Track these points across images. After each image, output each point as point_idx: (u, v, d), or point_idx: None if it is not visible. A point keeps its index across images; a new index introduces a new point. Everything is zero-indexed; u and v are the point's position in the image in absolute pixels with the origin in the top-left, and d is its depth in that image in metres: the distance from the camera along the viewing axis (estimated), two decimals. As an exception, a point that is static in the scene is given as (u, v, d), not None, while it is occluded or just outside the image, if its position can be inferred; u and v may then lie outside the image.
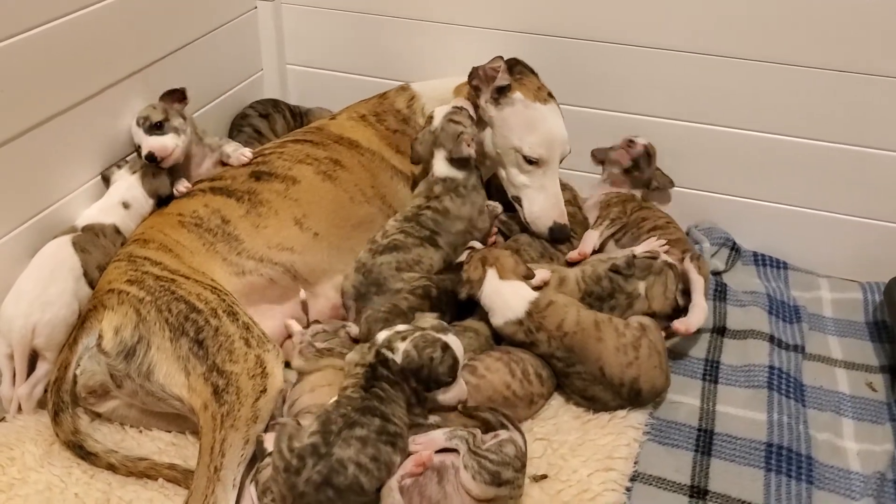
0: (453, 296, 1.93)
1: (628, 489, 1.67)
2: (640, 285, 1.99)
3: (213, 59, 2.41)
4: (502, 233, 2.23)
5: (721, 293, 2.23)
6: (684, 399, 1.90)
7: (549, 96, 2.15)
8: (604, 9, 2.29)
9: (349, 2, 2.54)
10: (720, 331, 2.10)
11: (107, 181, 2.04)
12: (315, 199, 2.04)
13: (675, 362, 1.97)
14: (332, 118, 2.31)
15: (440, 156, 2.08)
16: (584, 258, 2.10)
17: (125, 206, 1.98)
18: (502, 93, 2.11)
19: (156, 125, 2.01)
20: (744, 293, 2.23)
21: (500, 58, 2.10)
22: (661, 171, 2.36)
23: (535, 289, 1.89)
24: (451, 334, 1.67)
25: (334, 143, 2.18)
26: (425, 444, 1.54)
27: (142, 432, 1.80)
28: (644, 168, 2.30)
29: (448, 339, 1.64)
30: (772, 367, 1.96)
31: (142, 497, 1.64)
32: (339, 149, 2.17)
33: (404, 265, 1.95)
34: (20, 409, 1.81)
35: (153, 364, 1.66)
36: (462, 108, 2.12)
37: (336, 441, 1.46)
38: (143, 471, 1.68)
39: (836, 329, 2.16)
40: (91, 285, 1.84)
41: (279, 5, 2.62)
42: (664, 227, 2.19)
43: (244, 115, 2.52)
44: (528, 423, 1.80)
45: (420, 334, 1.63)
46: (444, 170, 2.08)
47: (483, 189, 2.14)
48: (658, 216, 2.24)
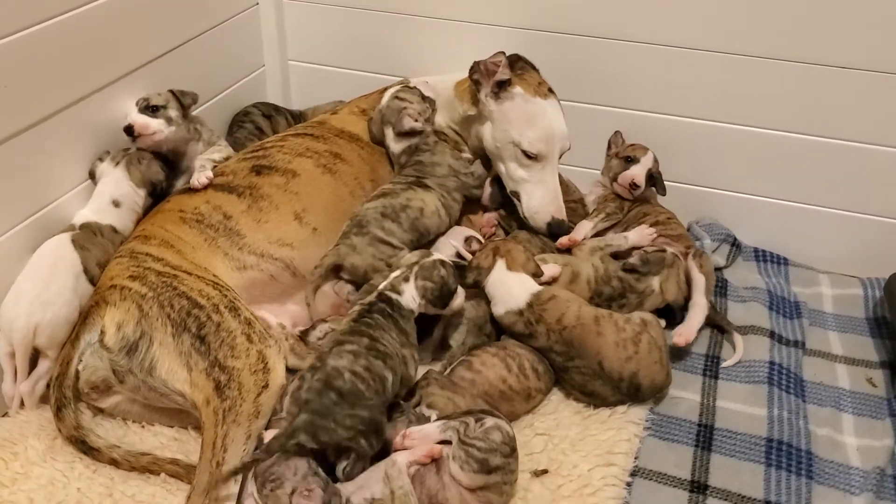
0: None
1: (629, 484, 1.67)
2: (655, 281, 1.99)
3: (215, 55, 2.41)
4: (503, 228, 2.23)
5: (722, 289, 2.24)
6: (685, 394, 1.91)
7: (550, 91, 2.15)
8: (605, 5, 2.28)
9: (351, -2, 2.55)
10: (720, 327, 2.10)
11: (93, 176, 2.02)
12: (315, 193, 2.05)
13: (675, 358, 1.98)
14: (334, 112, 2.31)
15: (389, 133, 2.14)
16: (573, 244, 2.10)
17: (116, 204, 1.97)
18: (502, 87, 2.11)
19: (151, 107, 2.03)
20: (744, 289, 2.23)
21: (502, 53, 2.10)
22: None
23: (544, 283, 1.89)
24: (434, 252, 1.86)
25: (335, 136, 2.19)
26: (421, 440, 1.55)
27: (144, 427, 1.80)
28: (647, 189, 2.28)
29: (437, 255, 1.83)
30: (772, 363, 1.97)
31: (144, 492, 1.65)
32: (339, 142, 2.17)
33: (389, 211, 1.97)
34: (22, 405, 1.82)
35: (155, 359, 1.66)
36: (413, 87, 2.15)
37: (327, 356, 1.60)
38: (145, 466, 1.69)
39: (837, 325, 2.17)
40: (91, 282, 1.85)
41: (281, 2, 2.62)
42: (665, 222, 2.19)
43: (247, 112, 2.53)
44: (528, 418, 1.81)
45: (418, 267, 1.78)
46: (396, 146, 2.14)
47: (446, 143, 2.16)
48: (659, 212, 2.24)
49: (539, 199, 2.13)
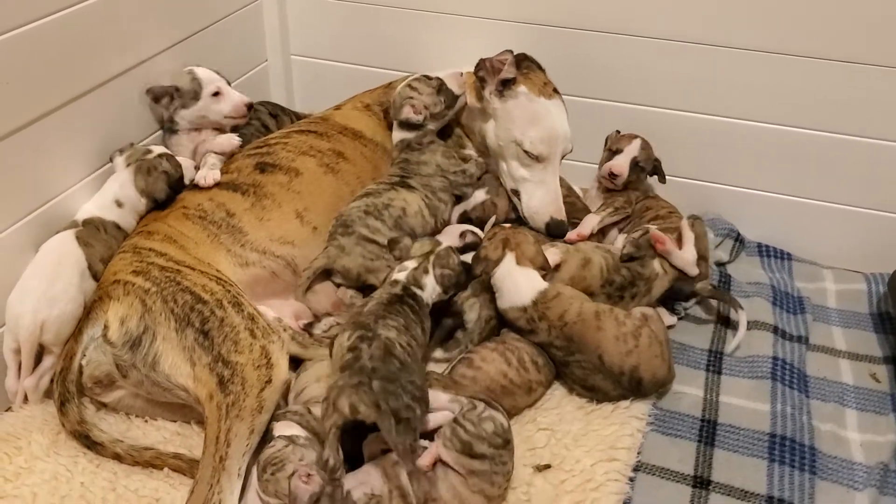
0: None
1: (631, 479, 1.67)
2: (656, 263, 2.00)
3: (218, 49, 2.41)
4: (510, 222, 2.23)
5: (725, 284, 2.24)
6: (688, 389, 1.90)
7: (555, 92, 2.15)
8: (610, 0, 2.28)
9: (354, -8, 2.55)
10: (724, 322, 2.10)
11: (111, 160, 2.01)
12: (316, 192, 2.05)
13: (678, 352, 1.98)
14: (338, 108, 2.31)
15: (395, 122, 2.15)
16: (581, 239, 2.10)
17: (118, 204, 1.96)
18: (507, 85, 2.11)
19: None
20: (748, 284, 2.23)
21: (510, 51, 2.10)
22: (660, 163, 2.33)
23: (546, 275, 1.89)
24: (437, 238, 1.89)
25: (338, 133, 2.18)
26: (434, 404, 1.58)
27: (147, 422, 1.81)
28: (635, 177, 2.26)
29: (443, 242, 1.84)
30: (775, 358, 1.96)
31: (147, 486, 1.65)
32: (342, 140, 2.17)
33: (372, 209, 1.97)
34: (26, 400, 1.82)
35: (159, 354, 1.66)
36: (433, 77, 2.15)
37: (377, 326, 1.59)
38: (148, 460, 1.69)
39: (840, 320, 2.16)
40: (95, 278, 1.85)
41: (284, -5, 2.63)
42: (666, 216, 2.18)
43: (254, 109, 2.52)
44: (531, 413, 1.81)
45: (434, 257, 1.77)
46: (396, 134, 2.15)
47: (443, 142, 2.16)
48: (661, 206, 2.23)
49: (539, 199, 2.12)
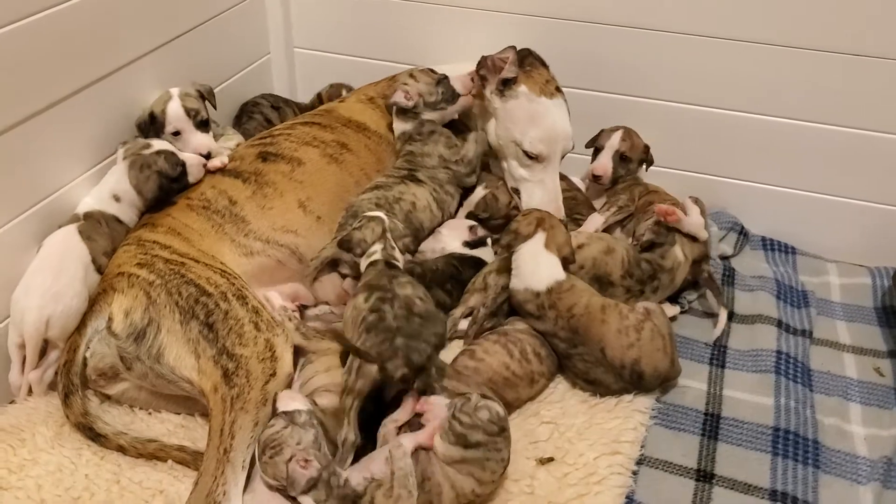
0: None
1: (635, 473, 1.68)
2: (677, 250, 2.00)
3: (221, 43, 2.41)
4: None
5: (729, 278, 2.23)
6: (691, 383, 1.90)
7: (557, 91, 2.13)
8: (615, -8, 2.28)
9: (357, -16, 2.54)
10: (728, 315, 2.09)
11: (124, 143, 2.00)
12: (319, 182, 2.05)
13: (682, 346, 1.97)
14: (342, 101, 2.31)
15: (394, 112, 2.16)
16: None
17: (116, 198, 1.95)
18: (508, 85, 2.10)
19: (205, 121, 2.05)
20: (752, 278, 2.23)
21: (512, 48, 2.08)
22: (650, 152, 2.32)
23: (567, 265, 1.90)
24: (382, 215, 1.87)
25: (342, 125, 2.18)
26: (434, 408, 1.56)
27: (151, 414, 1.81)
28: (624, 170, 2.27)
29: (376, 214, 1.85)
30: (779, 352, 1.96)
31: (151, 478, 1.65)
32: (346, 132, 2.17)
33: (383, 202, 1.98)
34: (30, 393, 1.83)
35: (163, 346, 1.67)
36: (437, 74, 2.15)
37: (393, 286, 1.65)
38: (152, 452, 1.69)
39: (845, 314, 2.16)
40: (99, 272, 1.85)
41: (286, -12, 2.62)
42: (669, 207, 2.19)
43: (255, 102, 2.52)
44: (534, 407, 1.81)
45: (388, 233, 1.80)
46: (398, 125, 2.16)
47: (445, 130, 2.16)
48: (663, 198, 2.22)
49: (538, 198, 2.12)
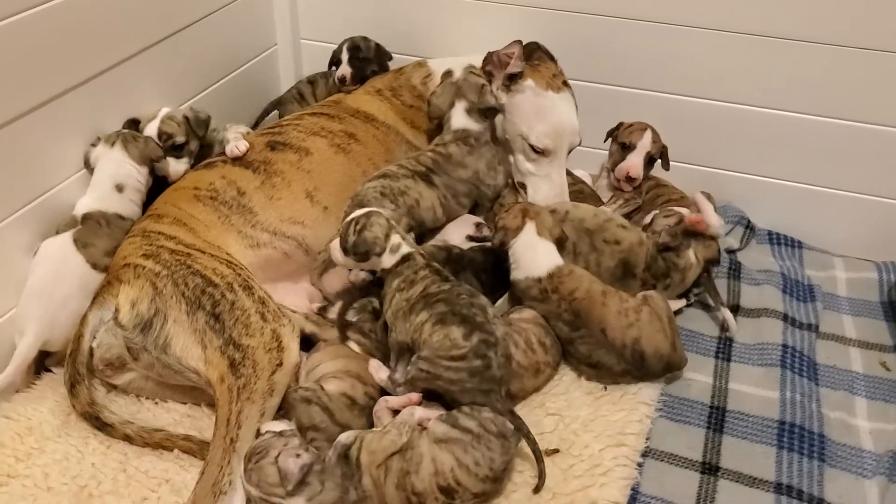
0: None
1: (640, 465, 1.68)
2: (690, 253, 2.00)
3: (227, 34, 2.40)
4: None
5: (735, 271, 2.23)
6: (697, 376, 1.90)
7: (564, 85, 2.13)
8: (623, -16, 2.27)
9: (364, -24, 2.53)
10: (734, 309, 2.09)
11: (87, 164, 1.96)
12: (327, 172, 2.04)
13: (688, 340, 1.97)
14: (349, 92, 2.31)
15: (460, 107, 2.07)
16: None
17: (119, 189, 1.93)
18: (514, 80, 2.09)
19: (178, 146, 2.03)
20: (758, 272, 2.22)
21: (518, 42, 2.07)
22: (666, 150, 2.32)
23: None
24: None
25: (350, 116, 2.18)
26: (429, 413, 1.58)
27: (157, 404, 1.81)
28: (649, 171, 2.26)
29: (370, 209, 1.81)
30: (785, 346, 1.96)
31: (157, 468, 1.66)
32: (354, 122, 2.17)
33: (388, 192, 1.95)
34: None
35: (170, 337, 1.67)
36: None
37: (490, 326, 1.63)
38: (158, 442, 1.70)
39: (851, 308, 2.16)
40: (104, 271, 1.84)
41: (293, -21, 2.62)
42: (679, 200, 2.18)
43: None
44: (540, 398, 1.81)
45: (393, 224, 1.77)
46: (461, 121, 2.06)
47: (494, 148, 2.11)
48: (672, 191, 2.23)
49: (544, 193, 2.12)
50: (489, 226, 2.07)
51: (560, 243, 1.90)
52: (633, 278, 1.96)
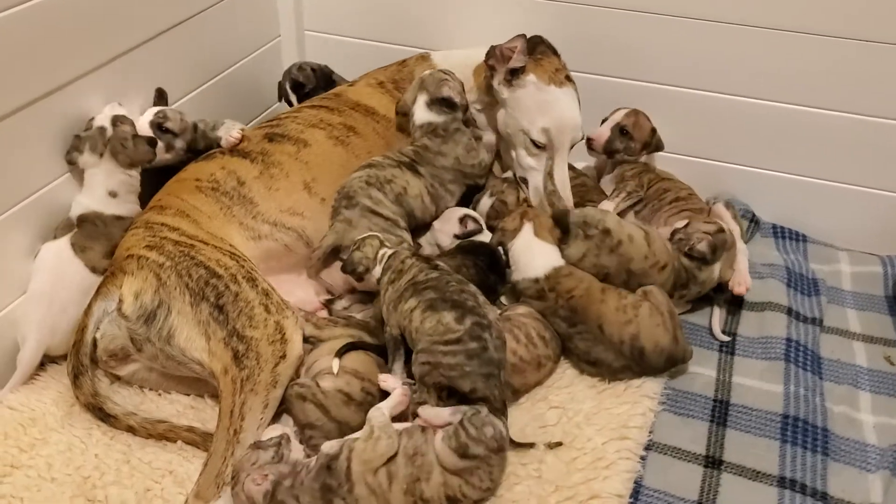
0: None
1: (643, 458, 1.68)
2: (715, 268, 1.97)
3: (230, 25, 2.40)
4: None
5: (739, 265, 2.22)
6: (700, 370, 1.90)
7: (567, 79, 2.11)
8: (626, -24, 2.26)
9: (369, -33, 2.52)
10: (738, 302, 2.09)
11: (72, 163, 1.90)
12: (325, 164, 2.04)
13: (691, 333, 1.97)
14: (351, 84, 2.30)
15: (421, 101, 2.10)
16: None
17: (113, 195, 1.92)
18: (515, 74, 2.08)
19: (167, 130, 2.02)
20: (762, 265, 2.22)
21: (522, 36, 2.05)
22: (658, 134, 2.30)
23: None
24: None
25: (350, 109, 2.18)
26: (432, 418, 1.55)
27: (161, 395, 1.82)
28: (623, 146, 2.24)
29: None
30: (789, 340, 1.96)
31: (161, 458, 1.66)
32: (354, 115, 2.16)
33: (374, 181, 1.96)
34: None
35: (173, 328, 1.67)
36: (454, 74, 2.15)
37: (482, 309, 1.62)
38: (162, 433, 1.70)
39: (855, 302, 2.15)
40: (104, 273, 1.83)
41: (297, -29, 2.61)
42: (686, 198, 2.18)
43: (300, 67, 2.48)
44: (543, 391, 1.81)
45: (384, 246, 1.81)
46: (422, 115, 2.10)
47: (467, 130, 2.12)
48: (680, 187, 2.22)
49: (545, 189, 2.11)
50: (474, 219, 2.06)
51: (563, 232, 1.91)
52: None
